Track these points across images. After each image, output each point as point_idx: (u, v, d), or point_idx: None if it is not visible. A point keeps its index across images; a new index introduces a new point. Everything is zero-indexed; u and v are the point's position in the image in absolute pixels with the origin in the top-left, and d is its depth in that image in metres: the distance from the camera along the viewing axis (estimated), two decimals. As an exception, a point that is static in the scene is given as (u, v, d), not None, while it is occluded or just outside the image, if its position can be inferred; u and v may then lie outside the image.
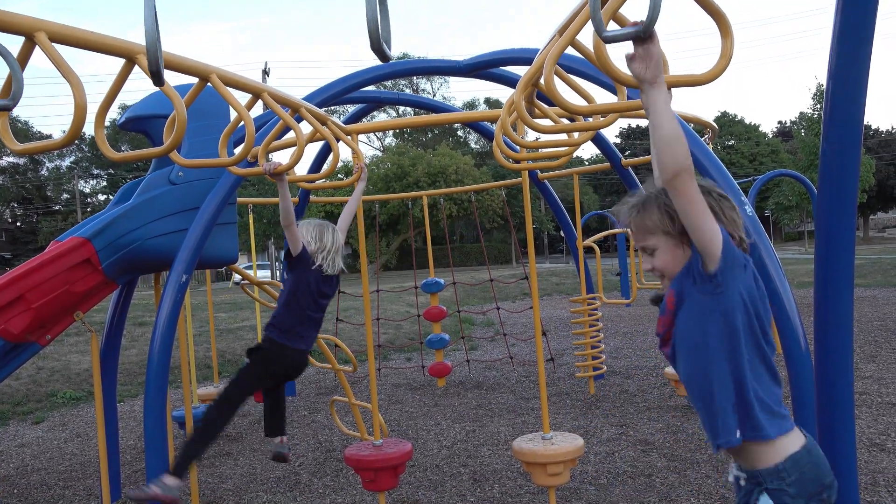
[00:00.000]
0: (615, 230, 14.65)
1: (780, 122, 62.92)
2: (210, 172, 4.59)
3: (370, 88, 6.52)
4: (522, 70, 4.52)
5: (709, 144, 5.09)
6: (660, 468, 5.04)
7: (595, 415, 6.68)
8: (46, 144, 2.53)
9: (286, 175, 3.71)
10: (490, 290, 17.00)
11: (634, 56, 1.75)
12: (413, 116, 6.99)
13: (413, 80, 55.65)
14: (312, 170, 7.75)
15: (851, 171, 2.33)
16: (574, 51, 2.39)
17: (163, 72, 2.25)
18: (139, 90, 4.06)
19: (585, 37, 2.19)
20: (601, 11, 1.82)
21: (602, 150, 7.34)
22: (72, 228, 4.50)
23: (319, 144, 7.56)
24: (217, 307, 16.52)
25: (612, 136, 61.96)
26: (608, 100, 2.72)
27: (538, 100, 3.04)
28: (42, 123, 74.50)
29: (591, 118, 3.11)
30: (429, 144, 53.27)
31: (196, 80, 3.04)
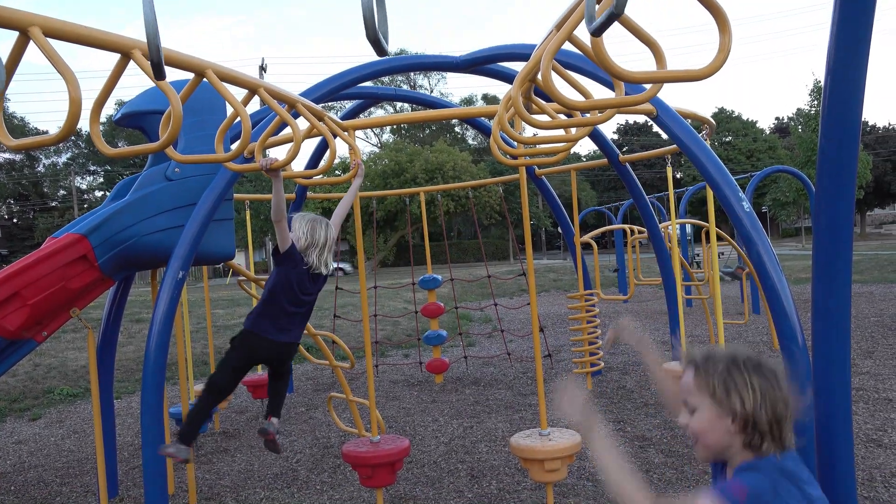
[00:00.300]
0: (613, 226, 14.69)
1: (778, 119, 62.94)
2: (206, 168, 4.57)
3: (367, 84, 6.50)
4: (520, 66, 4.51)
5: (706, 141, 5.09)
6: (657, 464, 5.05)
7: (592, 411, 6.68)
8: (42, 140, 2.51)
9: (282, 171, 3.69)
10: (487, 287, 17.01)
11: None
12: (410, 112, 6.96)
13: (410, 77, 55.60)
14: (309, 166, 7.73)
15: (849, 168, 2.33)
16: (571, 46, 2.38)
17: (163, 64, 2.24)
18: (135, 86, 4.05)
19: (583, 32, 2.18)
20: (597, 8, 1.81)
21: (599, 146, 7.33)
22: (68, 225, 4.49)
23: (316, 140, 7.54)
24: (214, 303, 16.52)
25: (610, 133, 61.88)
26: (605, 95, 2.72)
27: (536, 96, 3.03)
28: (38, 119, 74.18)
29: (589, 114, 3.11)
30: (426, 141, 53.24)
31: (192, 76, 3.03)
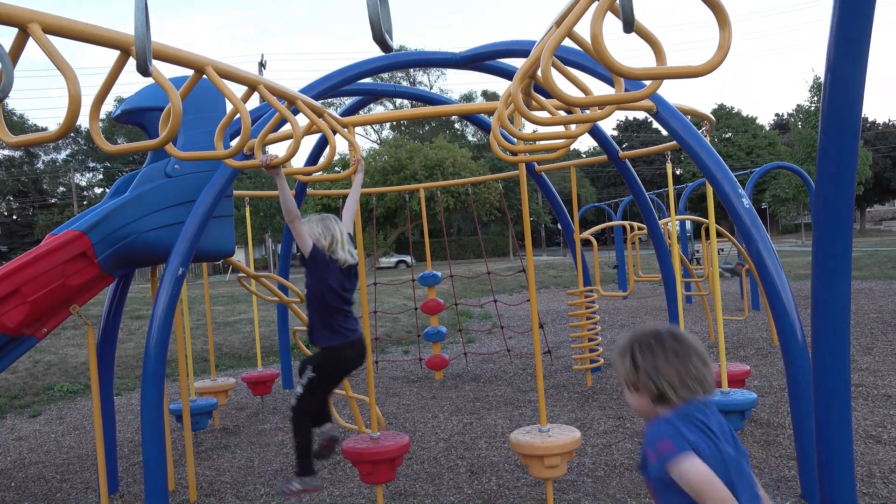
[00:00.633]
0: (612, 223, 14.68)
1: (777, 115, 62.85)
2: (206, 165, 4.57)
3: (367, 81, 6.49)
4: (519, 62, 4.51)
5: (706, 137, 5.09)
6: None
7: (592, 407, 6.69)
8: (41, 137, 2.52)
9: (282, 168, 3.69)
10: (487, 283, 17.02)
11: None
12: (410, 109, 6.96)
13: (410, 73, 55.54)
14: (309, 163, 7.72)
15: (849, 164, 2.33)
16: (571, 42, 2.38)
17: (149, 62, 2.24)
18: (135, 83, 4.05)
19: (583, 28, 2.18)
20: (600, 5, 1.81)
21: (599, 143, 7.33)
22: (68, 222, 4.48)
23: (316, 137, 7.53)
24: (214, 300, 16.52)
25: (610, 129, 61.92)
26: (605, 92, 2.72)
27: (535, 92, 3.03)
28: (37, 116, 74.10)
29: (589, 110, 3.10)
30: (426, 137, 53.19)
31: (191, 72, 3.03)
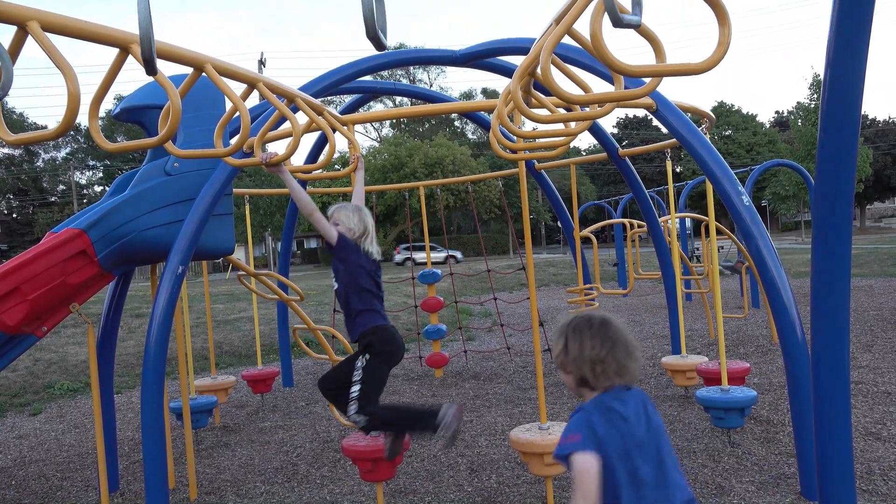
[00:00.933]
0: (612, 220, 14.69)
1: (777, 112, 62.83)
2: (205, 163, 4.57)
3: (366, 78, 6.48)
4: (519, 60, 4.50)
5: (706, 134, 5.08)
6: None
7: (592, 405, 6.69)
8: (40, 135, 2.52)
9: (283, 165, 3.68)
10: (487, 281, 17.04)
11: None
12: (410, 107, 6.95)
13: (409, 71, 55.50)
14: (309, 160, 7.72)
15: (849, 161, 2.33)
16: (571, 40, 2.38)
17: (155, 60, 2.24)
18: (134, 80, 4.04)
19: (582, 26, 2.18)
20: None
21: (599, 140, 7.32)
22: (67, 220, 4.48)
23: (316, 135, 7.53)
24: (214, 298, 16.52)
25: (610, 126, 61.85)
26: (605, 89, 2.72)
27: (535, 89, 3.03)
28: (37, 114, 74.08)
29: (588, 108, 3.10)
30: (426, 135, 53.18)
31: (191, 70, 3.03)
